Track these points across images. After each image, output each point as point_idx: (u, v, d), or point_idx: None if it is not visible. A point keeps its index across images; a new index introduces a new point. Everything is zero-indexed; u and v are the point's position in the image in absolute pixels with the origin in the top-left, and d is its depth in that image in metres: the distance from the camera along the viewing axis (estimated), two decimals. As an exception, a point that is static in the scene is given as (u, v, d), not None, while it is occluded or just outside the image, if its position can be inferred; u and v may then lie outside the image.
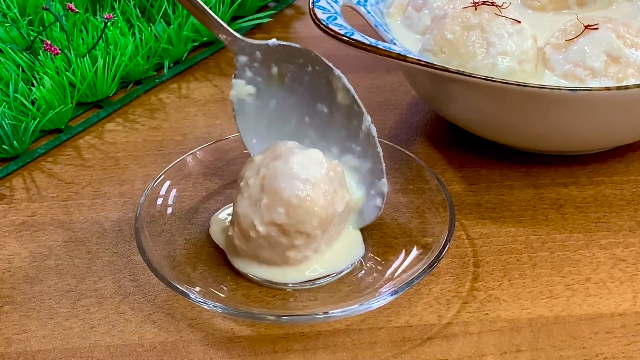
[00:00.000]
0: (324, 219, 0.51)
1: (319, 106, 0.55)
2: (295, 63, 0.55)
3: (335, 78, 0.54)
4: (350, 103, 0.54)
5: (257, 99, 0.57)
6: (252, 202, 0.51)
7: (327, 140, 0.56)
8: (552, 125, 0.58)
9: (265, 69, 0.56)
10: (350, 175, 0.55)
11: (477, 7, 0.60)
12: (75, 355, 0.50)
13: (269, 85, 0.56)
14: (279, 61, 0.55)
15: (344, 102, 0.54)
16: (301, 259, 0.52)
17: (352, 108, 0.54)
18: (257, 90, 0.56)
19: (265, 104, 0.57)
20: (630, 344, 0.50)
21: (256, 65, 0.56)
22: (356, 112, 0.54)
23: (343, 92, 0.54)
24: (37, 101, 0.67)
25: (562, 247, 0.56)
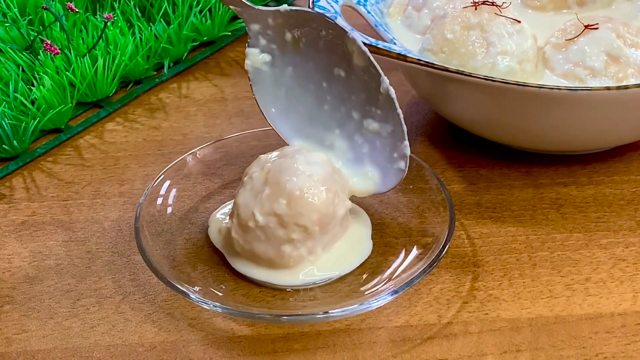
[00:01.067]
0: (323, 215, 0.51)
1: (336, 70, 0.54)
2: (308, 27, 0.54)
3: (349, 41, 0.53)
4: (366, 65, 0.53)
5: (273, 66, 0.56)
6: (254, 193, 0.51)
7: (346, 104, 0.55)
8: (552, 125, 0.58)
9: (279, 36, 0.55)
10: (372, 139, 0.54)
11: (477, 6, 0.60)
12: (75, 354, 0.50)
13: (284, 52, 0.55)
14: (292, 27, 0.54)
15: (360, 64, 0.53)
16: (295, 258, 0.52)
17: (369, 70, 0.53)
18: (272, 58, 0.55)
19: (281, 72, 0.56)
20: (630, 343, 0.50)
21: (269, 32, 0.55)
22: (373, 75, 0.53)
23: (359, 54, 0.53)
24: (37, 101, 0.67)
25: (562, 247, 0.56)
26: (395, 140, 0.53)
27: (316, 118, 0.56)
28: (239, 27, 0.81)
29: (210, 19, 0.79)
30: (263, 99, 0.57)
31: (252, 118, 0.69)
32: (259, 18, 0.54)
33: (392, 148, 0.54)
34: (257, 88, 0.56)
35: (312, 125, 0.56)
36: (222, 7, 0.79)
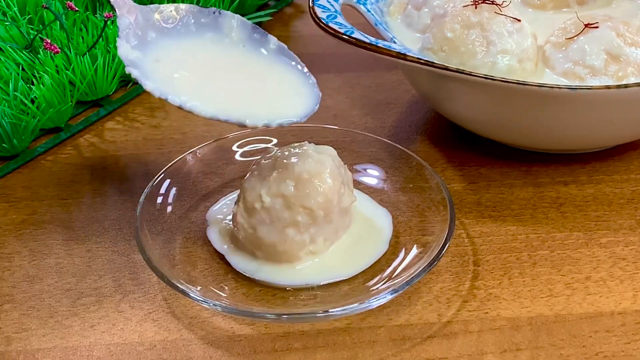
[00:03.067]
0: (329, 201, 0.51)
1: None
2: (179, 20, 0.54)
3: (226, 19, 0.54)
4: (248, 33, 0.54)
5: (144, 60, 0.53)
6: (262, 177, 0.52)
7: (239, 62, 0.55)
8: (552, 123, 0.58)
9: (143, 35, 0.54)
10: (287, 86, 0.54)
11: (477, 5, 0.60)
12: (75, 353, 0.50)
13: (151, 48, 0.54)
14: (159, 23, 0.54)
15: (242, 36, 0.54)
16: (298, 243, 0.52)
17: (253, 37, 0.54)
18: (141, 55, 0.53)
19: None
20: (630, 342, 0.50)
21: (138, 32, 0.54)
22: (258, 40, 0.54)
23: (238, 26, 0.54)
24: (37, 100, 0.67)
25: (562, 246, 0.56)
26: (301, 79, 0.54)
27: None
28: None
29: (210, 18, 0.79)
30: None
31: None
32: (131, 11, 0.54)
33: (305, 80, 0.54)
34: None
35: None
36: (222, 6, 0.79)
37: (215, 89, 0.52)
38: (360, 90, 0.73)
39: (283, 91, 0.53)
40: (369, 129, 0.67)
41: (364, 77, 0.75)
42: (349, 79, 0.75)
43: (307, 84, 0.54)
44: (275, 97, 0.53)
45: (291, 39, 0.83)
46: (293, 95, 0.53)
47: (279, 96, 0.53)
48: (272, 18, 0.84)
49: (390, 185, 0.59)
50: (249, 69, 0.54)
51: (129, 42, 0.52)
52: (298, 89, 0.53)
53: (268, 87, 0.53)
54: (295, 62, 0.54)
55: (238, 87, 0.53)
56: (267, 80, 0.54)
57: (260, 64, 0.54)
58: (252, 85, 0.53)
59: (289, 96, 0.53)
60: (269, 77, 0.54)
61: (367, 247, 0.54)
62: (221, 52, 0.54)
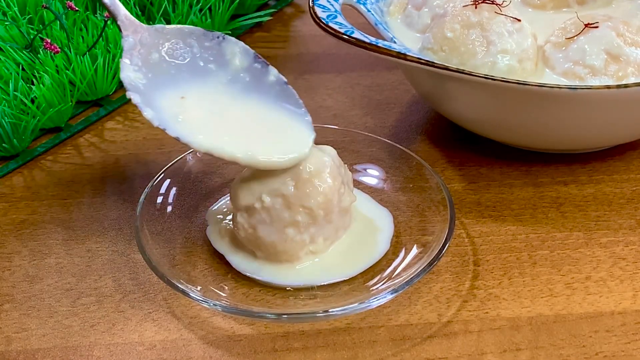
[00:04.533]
0: (329, 200, 0.51)
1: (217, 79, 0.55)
2: (183, 42, 0.54)
3: (228, 45, 0.54)
4: (250, 63, 0.54)
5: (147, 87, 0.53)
6: (262, 177, 0.52)
7: (237, 97, 0.54)
8: (552, 123, 0.58)
9: (146, 56, 0.54)
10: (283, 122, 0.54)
11: (477, 5, 0.60)
12: (75, 353, 0.50)
13: (154, 74, 0.54)
14: (162, 44, 0.54)
15: (244, 64, 0.54)
16: (298, 243, 0.52)
17: (253, 67, 0.54)
18: (145, 80, 0.53)
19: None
20: (630, 342, 0.50)
21: (142, 51, 0.53)
22: (259, 70, 0.54)
23: (242, 53, 0.54)
24: (37, 99, 0.67)
25: (562, 246, 0.56)
26: (296, 117, 0.54)
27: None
28: (239, 25, 0.81)
29: (210, 18, 0.79)
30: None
31: (252, 117, 0.69)
32: (138, 30, 0.54)
33: (294, 121, 0.54)
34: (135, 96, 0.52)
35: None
36: (221, 5, 0.79)
37: (213, 125, 0.52)
38: (360, 90, 0.73)
39: (276, 132, 0.53)
40: (369, 129, 0.67)
41: (364, 77, 0.75)
42: (349, 79, 0.75)
43: (301, 126, 0.53)
44: (267, 138, 0.53)
45: (291, 39, 0.83)
46: (283, 138, 0.53)
47: (272, 138, 0.53)
48: (272, 18, 0.84)
49: (390, 185, 0.59)
50: (245, 108, 0.54)
51: (133, 63, 0.53)
52: (289, 131, 0.53)
53: (262, 128, 0.53)
54: (291, 103, 0.54)
55: (234, 124, 0.53)
56: (262, 122, 0.53)
57: (256, 105, 0.54)
58: (247, 124, 0.53)
59: (279, 139, 0.53)
60: (265, 118, 0.54)
61: (367, 247, 0.54)
62: (219, 85, 0.54)
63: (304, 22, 0.85)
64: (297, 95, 0.54)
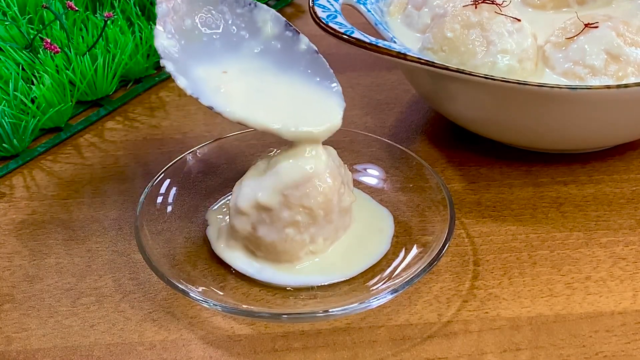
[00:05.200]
0: (328, 200, 0.51)
1: (247, 49, 0.55)
2: (215, 10, 0.54)
3: (260, 12, 0.54)
4: (280, 30, 0.54)
5: (183, 52, 0.53)
6: (261, 176, 0.52)
7: (270, 65, 0.54)
8: (552, 123, 0.58)
9: (178, 24, 0.53)
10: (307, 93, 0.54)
11: (477, 5, 0.60)
12: (75, 353, 0.50)
13: (187, 41, 0.54)
14: (196, 11, 0.54)
15: (275, 32, 0.54)
16: (298, 243, 0.52)
17: (284, 35, 0.54)
18: (178, 46, 0.53)
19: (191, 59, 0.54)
20: (630, 342, 0.50)
21: (175, 17, 0.53)
22: (289, 38, 0.54)
23: (273, 21, 0.54)
24: (37, 99, 0.67)
25: (562, 246, 0.56)
26: (326, 86, 0.54)
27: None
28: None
29: (210, 18, 0.79)
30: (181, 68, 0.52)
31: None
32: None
33: (325, 90, 0.54)
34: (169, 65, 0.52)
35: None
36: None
37: (250, 98, 0.52)
38: (360, 90, 0.73)
39: (308, 104, 0.53)
40: (369, 129, 0.67)
41: (364, 77, 0.75)
42: (349, 79, 0.75)
43: (331, 97, 0.54)
44: (299, 110, 0.53)
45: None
46: (315, 109, 0.53)
47: (303, 109, 0.53)
48: (272, 18, 0.84)
49: (390, 185, 0.59)
50: (279, 79, 0.54)
51: (166, 30, 0.52)
52: (320, 103, 0.53)
53: (294, 99, 0.53)
54: (321, 72, 0.54)
55: (268, 95, 0.53)
56: (294, 92, 0.54)
57: (289, 76, 0.54)
58: (280, 96, 0.53)
59: (311, 111, 0.53)
60: (297, 89, 0.54)
61: (367, 247, 0.54)
62: (254, 55, 0.54)
63: (304, 22, 0.85)
64: (327, 65, 0.54)
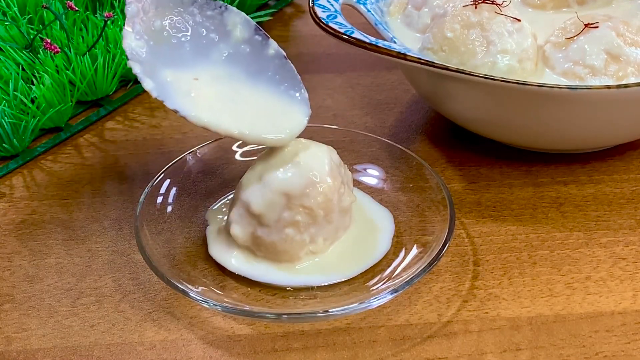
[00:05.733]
0: (329, 200, 0.51)
1: (216, 53, 0.54)
2: (185, 12, 0.54)
3: (230, 15, 0.54)
4: (250, 35, 0.54)
5: (151, 54, 0.53)
6: (261, 176, 0.52)
7: (238, 70, 0.54)
8: (552, 123, 0.58)
9: (148, 25, 0.53)
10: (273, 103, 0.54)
11: (477, 5, 0.60)
12: (75, 353, 0.50)
13: (156, 43, 0.53)
14: (165, 13, 0.53)
15: (245, 36, 0.54)
16: (298, 243, 0.52)
17: (253, 40, 0.54)
18: (146, 47, 0.53)
19: (158, 60, 0.53)
20: (630, 342, 0.50)
21: (144, 18, 0.53)
22: (259, 42, 0.54)
23: (243, 25, 0.54)
24: (37, 99, 0.67)
25: (562, 246, 0.56)
26: (294, 91, 0.54)
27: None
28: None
29: (210, 18, 0.79)
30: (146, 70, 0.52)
31: (252, 117, 0.69)
32: None
33: (292, 97, 0.54)
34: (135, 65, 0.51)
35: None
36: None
37: (217, 103, 0.52)
38: (360, 90, 0.73)
39: (272, 110, 0.53)
40: (369, 129, 0.67)
41: (364, 77, 0.75)
42: (349, 79, 0.75)
43: (296, 105, 0.53)
44: (263, 116, 0.53)
45: (291, 38, 0.83)
46: (279, 116, 0.53)
47: (268, 116, 0.53)
48: (272, 18, 0.84)
49: (390, 185, 0.59)
50: (245, 85, 0.54)
51: (135, 31, 0.52)
52: (285, 110, 0.53)
53: (259, 105, 0.53)
54: (288, 78, 0.54)
55: (234, 101, 0.53)
56: (260, 98, 0.53)
57: (255, 81, 0.54)
58: (245, 102, 0.53)
59: (275, 118, 0.53)
60: (263, 95, 0.54)
61: (368, 247, 0.54)
62: (223, 60, 0.54)
63: (304, 22, 0.85)
64: (295, 71, 0.54)
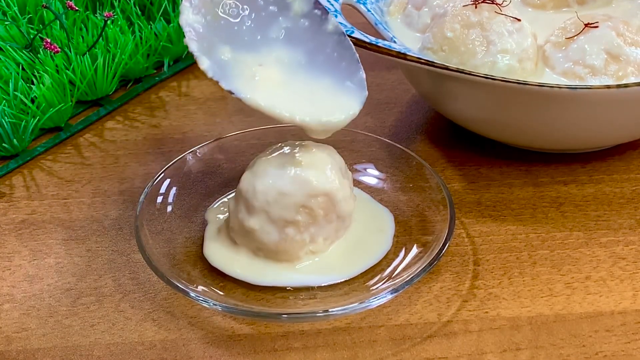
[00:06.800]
0: (329, 200, 0.51)
1: (275, 29, 0.54)
2: None
3: None
4: (309, 9, 0.53)
5: (208, 28, 0.52)
6: (261, 175, 0.52)
7: (297, 50, 0.53)
8: (552, 123, 0.58)
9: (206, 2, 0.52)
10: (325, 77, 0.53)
11: (477, 5, 0.60)
12: (75, 353, 0.50)
13: (214, 19, 0.52)
14: None
15: (304, 9, 0.53)
16: (298, 243, 0.52)
17: (312, 14, 0.53)
18: (204, 22, 0.52)
19: (216, 36, 0.52)
20: (630, 342, 0.50)
21: None
22: (317, 16, 0.53)
23: (300, 0, 0.53)
24: (37, 99, 0.67)
25: (562, 246, 0.56)
26: (350, 71, 0.53)
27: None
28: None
29: (210, 18, 0.79)
30: (204, 49, 0.51)
31: (252, 116, 0.69)
32: None
33: (349, 77, 0.53)
34: (193, 44, 0.50)
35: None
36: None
37: (271, 84, 0.52)
38: (360, 90, 0.73)
39: (328, 93, 0.53)
40: (369, 128, 0.67)
41: (364, 77, 0.75)
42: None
43: (352, 88, 0.53)
44: (319, 100, 0.52)
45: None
46: (334, 98, 0.53)
47: (323, 99, 0.52)
48: (272, 18, 0.84)
49: (390, 185, 0.59)
50: (303, 66, 0.53)
51: (193, 5, 0.51)
52: (340, 92, 0.53)
53: (316, 88, 0.53)
54: (346, 56, 0.53)
55: (291, 84, 0.52)
56: (317, 81, 0.53)
57: (313, 62, 0.53)
58: (302, 85, 0.52)
59: (330, 101, 0.52)
60: (320, 77, 0.53)
61: (368, 247, 0.54)
62: (283, 39, 0.53)
63: (304, 22, 0.85)
64: (353, 48, 0.53)
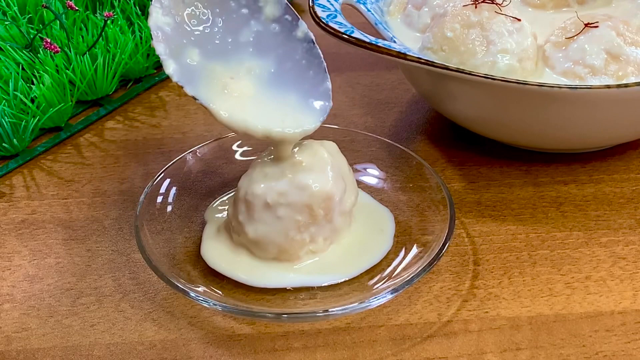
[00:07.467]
0: (329, 199, 0.51)
1: (244, 34, 0.53)
2: None
3: None
4: (281, 14, 0.53)
5: (176, 31, 0.51)
6: (261, 175, 0.52)
7: (266, 58, 0.53)
8: (552, 123, 0.58)
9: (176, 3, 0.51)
10: (294, 84, 0.52)
11: (477, 5, 0.60)
12: (75, 353, 0.50)
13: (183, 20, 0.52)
14: None
15: (276, 14, 0.53)
16: (299, 242, 0.52)
17: (283, 19, 0.53)
18: (173, 23, 0.51)
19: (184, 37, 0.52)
20: (630, 342, 0.50)
21: None
22: (289, 22, 0.53)
23: (273, 4, 0.53)
24: (37, 99, 0.67)
25: (562, 245, 0.56)
26: (317, 81, 0.53)
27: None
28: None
29: (210, 17, 0.79)
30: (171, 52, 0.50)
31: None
32: None
33: (315, 87, 0.53)
34: (160, 46, 0.50)
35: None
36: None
37: (238, 95, 0.51)
38: (360, 90, 0.73)
39: (291, 103, 0.52)
40: (369, 128, 0.68)
41: (364, 77, 0.75)
42: (349, 78, 0.75)
43: (315, 100, 0.53)
44: (281, 110, 0.52)
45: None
46: (297, 109, 0.52)
47: (285, 109, 0.52)
48: (272, 17, 0.84)
49: (390, 185, 0.59)
50: (271, 82, 0.53)
51: (163, 6, 0.50)
52: (304, 103, 0.52)
53: (278, 97, 0.52)
54: (314, 65, 0.53)
55: (254, 95, 0.52)
56: (280, 90, 0.52)
57: (279, 68, 0.53)
58: (265, 94, 0.52)
59: (293, 111, 0.52)
60: (284, 86, 0.52)
61: (368, 246, 0.54)
62: (250, 37, 0.53)
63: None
64: (321, 57, 0.53)
